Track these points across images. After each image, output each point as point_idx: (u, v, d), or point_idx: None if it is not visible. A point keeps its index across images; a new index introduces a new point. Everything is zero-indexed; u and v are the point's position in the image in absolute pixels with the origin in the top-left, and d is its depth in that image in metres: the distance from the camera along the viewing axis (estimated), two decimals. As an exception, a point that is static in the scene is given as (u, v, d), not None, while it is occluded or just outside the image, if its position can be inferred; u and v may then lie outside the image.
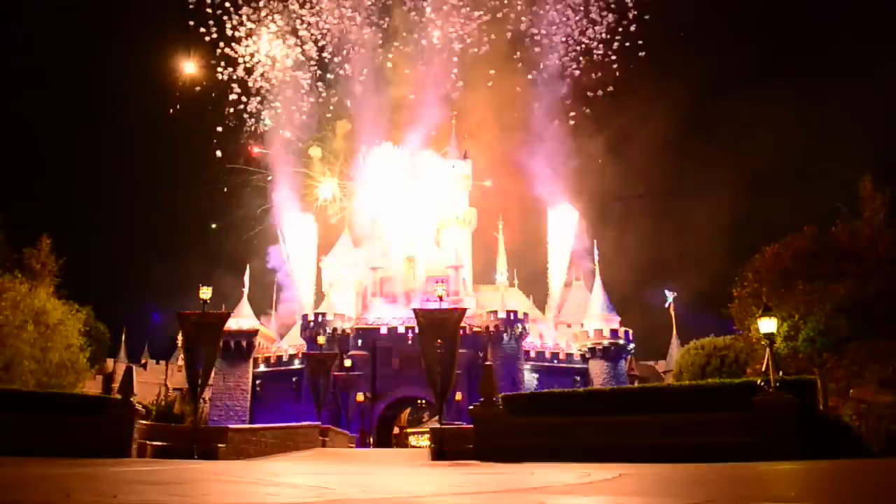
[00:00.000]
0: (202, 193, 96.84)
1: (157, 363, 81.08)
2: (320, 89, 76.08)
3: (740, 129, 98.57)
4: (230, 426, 26.23)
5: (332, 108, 78.89)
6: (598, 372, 65.84)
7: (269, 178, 78.14)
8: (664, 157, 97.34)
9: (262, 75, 72.42)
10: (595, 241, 75.47)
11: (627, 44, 71.95)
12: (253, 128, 75.38)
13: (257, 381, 66.98)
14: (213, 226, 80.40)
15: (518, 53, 73.87)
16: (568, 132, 76.43)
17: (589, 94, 70.82)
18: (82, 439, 19.14)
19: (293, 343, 68.80)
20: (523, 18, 70.34)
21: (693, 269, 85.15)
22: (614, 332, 66.90)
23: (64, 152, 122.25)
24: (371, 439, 59.73)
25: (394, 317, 65.84)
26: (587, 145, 79.52)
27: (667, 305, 77.04)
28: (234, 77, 70.24)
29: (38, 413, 20.16)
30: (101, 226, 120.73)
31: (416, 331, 31.50)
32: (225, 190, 78.10)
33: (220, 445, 21.69)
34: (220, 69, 69.55)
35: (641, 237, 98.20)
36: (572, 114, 74.29)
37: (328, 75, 75.65)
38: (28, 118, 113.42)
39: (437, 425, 25.84)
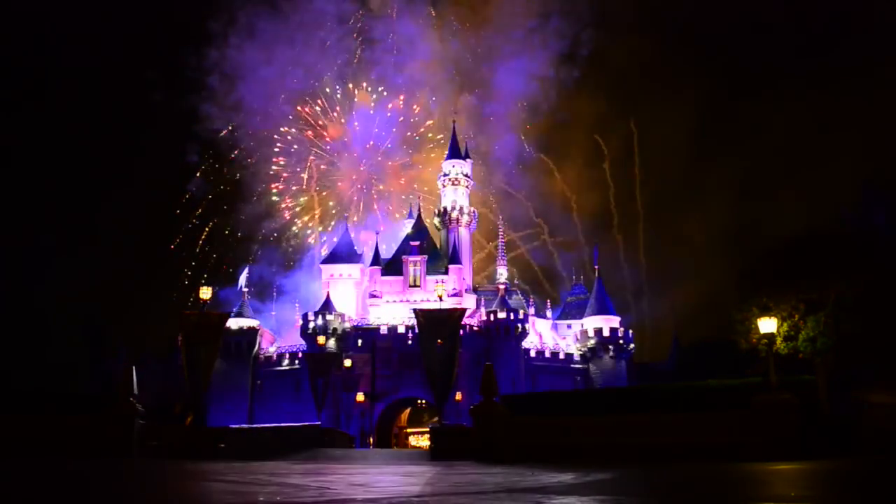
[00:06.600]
0: (207, 186, 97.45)
1: (157, 363, 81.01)
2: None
3: (743, 130, 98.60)
4: (230, 426, 26.22)
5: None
6: (598, 372, 65.83)
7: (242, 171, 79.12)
8: (666, 158, 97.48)
9: None
10: (596, 241, 75.68)
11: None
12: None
13: (257, 381, 66.97)
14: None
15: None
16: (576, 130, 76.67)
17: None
18: (83, 439, 19.13)
19: (293, 343, 68.82)
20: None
21: (694, 269, 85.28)
22: (614, 332, 66.84)
23: (68, 154, 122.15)
24: (371, 439, 59.69)
25: (394, 317, 65.82)
26: (592, 144, 79.73)
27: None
28: None
29: (39, 413, 20.15)
30: (103, 225, 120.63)
31: (416, 331, 31.51)
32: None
33: (220, 445, 21.68)
34: None
35: (643, 238, 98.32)
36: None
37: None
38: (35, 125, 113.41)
39: (437, 425, 25.87)
